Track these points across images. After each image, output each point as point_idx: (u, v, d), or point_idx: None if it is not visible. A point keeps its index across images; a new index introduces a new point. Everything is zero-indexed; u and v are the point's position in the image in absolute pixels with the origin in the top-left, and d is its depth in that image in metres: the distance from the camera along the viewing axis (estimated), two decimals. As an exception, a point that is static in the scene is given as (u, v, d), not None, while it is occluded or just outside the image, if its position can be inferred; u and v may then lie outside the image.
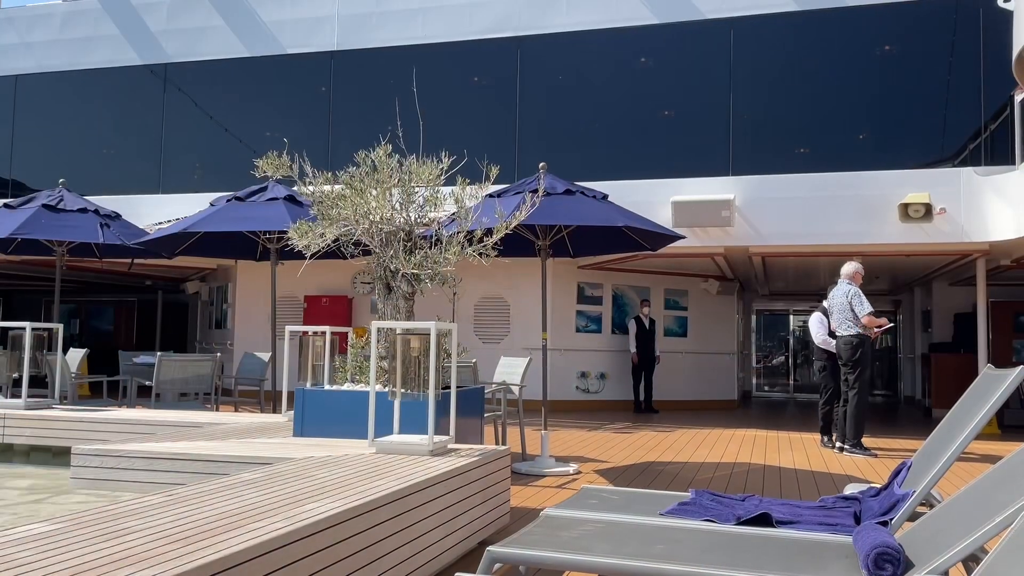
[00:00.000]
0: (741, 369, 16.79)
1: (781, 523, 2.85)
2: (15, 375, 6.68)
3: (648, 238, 7.68)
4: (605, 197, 7.44)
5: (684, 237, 8.06)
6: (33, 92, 14.21)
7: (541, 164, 7.39)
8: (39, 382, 7.73)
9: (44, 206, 9.34)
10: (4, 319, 19.68)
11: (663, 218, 10.65)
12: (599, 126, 11.79)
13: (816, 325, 8.93)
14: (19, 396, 6.46)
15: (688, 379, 14.10)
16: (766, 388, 24.08)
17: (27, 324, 6.51)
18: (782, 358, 26.72)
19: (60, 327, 6.97)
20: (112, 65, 13.78)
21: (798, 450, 8.57)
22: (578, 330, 13.25)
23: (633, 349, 13.12)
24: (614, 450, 8.20)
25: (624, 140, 11.68)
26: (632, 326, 13.23)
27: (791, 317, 26.13)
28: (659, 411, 13.04)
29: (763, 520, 2.86)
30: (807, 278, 16.14)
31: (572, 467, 6.75)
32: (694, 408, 13.83)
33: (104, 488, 4.22)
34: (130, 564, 2.08)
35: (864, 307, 8.17)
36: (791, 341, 26.51)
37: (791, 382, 25.64)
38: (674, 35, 11.56)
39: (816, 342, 8.95)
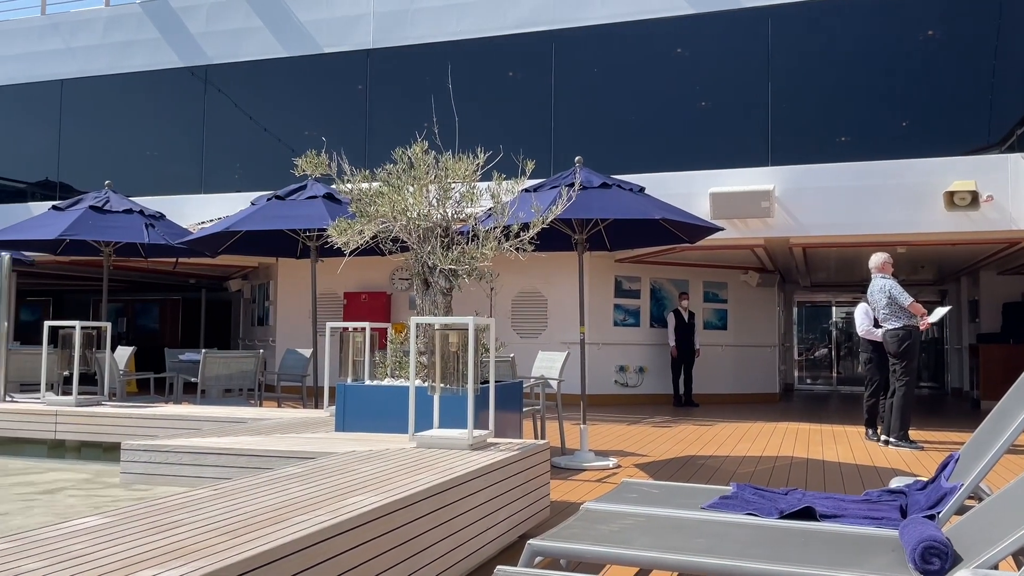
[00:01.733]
0: (782, 362, 16.58)
1: (825, 517, 2.82)
2: (66, 373, 6.86)
3: (686, 230, 7.62)
4: (642, 190, 7.39)
5: (723, 229, 7.98)
6: (78, 96, 14.54)
7: (577, 158, 7.37)
8: (89, 380, 7.94)
9: (91, 207, 9.57)
10: (54, 319, 20.18)
11: (701, 210, 10.55)
12: (635, 118, 11.72)
13: (861, 316, 8.79)
14: (70, 393, 6.63)
15: (728, 372, 13.96)
16: (808, 381, 23.75)
17: (77, 323, 6.68)
18: (825, 350, 26.31)
19: (108, 326, 7.13)
20: (154, 68, 14.04)
21: (842, 443, 8.45)
22: (616, 324, 13.19)
23: (672, 342, 13.03)
24: (654, 444, 8.17)
25: (660, 132, 11.59)
26: (671, 319, 13.14)
27: (833, 309, 25.71)
28: (699, 405, 12.94)
29: (806, 514, 2.83)
30: (850, 269, 15.87)
31: (612, 461, 6.74)
32: (735, 402, 13.70)
33: (153, 482, 4.32)
34: (179, 556, 2.13)
35: (905, 297, 8.03)
36: (834, 333, 26.09)
37: (834, 374, 25.25)
38: (710, 24, 11.43)
39: (860, 333, 8.81)
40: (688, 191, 10.74)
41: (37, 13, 14.96)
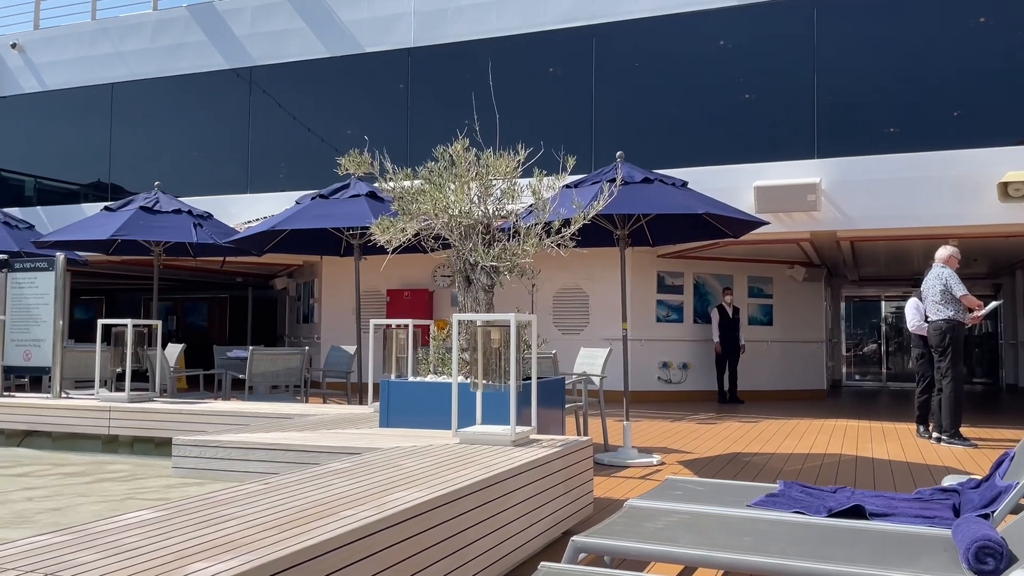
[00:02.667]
0: (830, 358, 16.30)
1: (875, 515, 2.77)
2: (119, 370, 7.04)
3: (730, 225, 7.53)
4: (684, 184, 7.33)
5: (768, 223, 7.87)
6: (128, 99, 14.88)
7: (618, 153, 7.32)
8: (140, 376, 8.13)
9: (142, 208, 9.79)
10: (107, 317, 20.70)
11: (745, 204, 10.41)
12: (677, 112, 11.61)
13: (912, 311, 8.61)
14: (123, 390, 6.80)
15: (774, 368, 13.77)
16: (857, 377, 23.31)
17: (129, 321, 6.84)
18: (874, 346, 25.79)
19: (159, 323, 7.30)
20: (200, 70, 14.31)
21: (892, 441, 8.28)
22: (659, 320, 13.10)
23: (716, 338, 12.90)
24: (698, 441, 8.09)
25: (703, 126, 11.46)
26: (715, 315, 13.00)
27: (883, 303, 25.18)
28: (744, 401, 12.79)
29: (856, 512, 2.78)
30: (899, 263, 15.53)
31: (655, 458, 6.70)
32: (781, 398, 13.51)
33: (203, 477, 4.41)
34: (229, 549, 2.17)
35: (960, 288, 7.85)
36: (883, 328, 25.55)
37: (884, 370, 24.75)
38: (754, 15, 11.26)
39: (910, 328, 8.63)
40: (732, 185, 10.61)
41: (88, 18, 15.34)
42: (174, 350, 9.48)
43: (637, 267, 12.69)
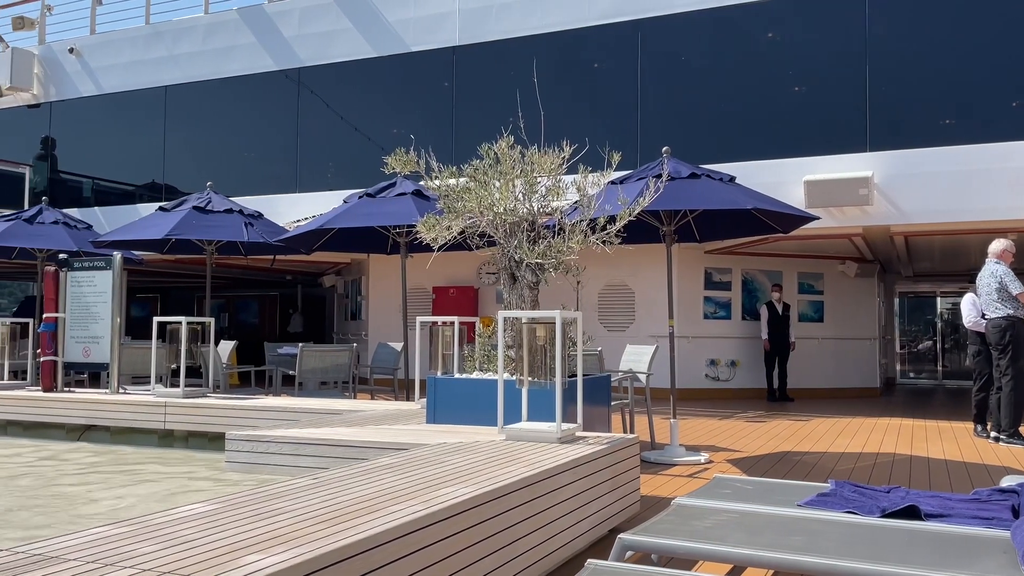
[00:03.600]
0: (884, 355, 15.95)
1: (930, 516, 2.71)
2: (173, 366, 7.22)
3: (779, 220, 7.42)
4: (732, 179, 7.23)
5: (818, 218, 7.73)
6: (181, 101, 15.22)
7: (664, 148, 7.26)
8: (194, 372, 8.32)
9: (195, 208, 10.01)
10: (161, 315, 21.22)
11: (795, 198, 10.23)
12: (724, 106, 11.46)
13: (968, 306, 8.39)
14: (178, 386, 6.97)
15: (825, 366, 13.53)
16: (912, 375, 22.77)
17: (183, 319, 7.01)
18: (929, 343, 25.15)
19: (212, 321, 7.46)
20: (250, 72, 14.56)
21: (948, 440, 8.08)
22: (706, 316, 12.96)
23: (765, 335, 12.72)
24: (747, 439, 7.99)
25: (751, 119, 11.30)
26: (763, 312, 12.82)
27: (938, 299, 24.54)
28: (794, 399, 12.58)
29: (910, 513, 2.72)
30: (955, 258, 15.12)
31: (703, 456, 6.63)
32: (832, 396, 13.26)
33: (255, 471, 4.50)
34: (280, 543, 2.22)
35: (1017, 285, 7.63)
36: (939, 325, 24.90)
37: (939, 368, 24.12)
38: (804, 6, 11.06)
39: (967, 324, 8.40)
40: (781, 180, 10.44)
41: (142, 23, 15.73)
42: (226, 347, 9.68)
43: (684, 263, 12.57)
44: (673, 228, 7.11)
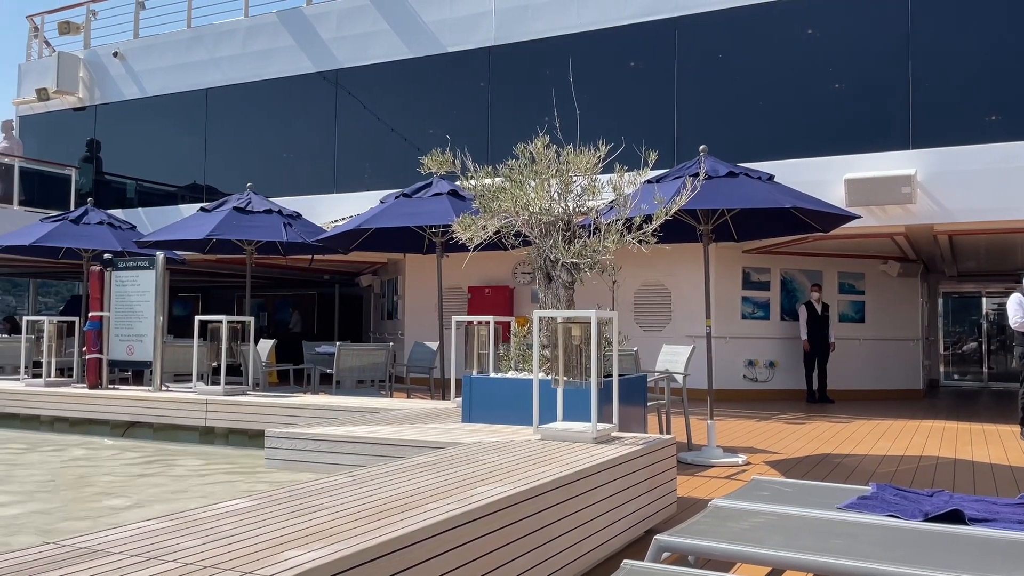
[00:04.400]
0: (927, 356, 15.64)
1: (974, 521, 2.65)
2: (214, 364, 7.33)
3: (819, 219, 7.31)
4: (771, 178, 7.15)
5: (859, 217, 7.60)
6: (221, 104, 15.47)
7: (701, 147, 7.20)
8: (234, 370, 8.44)
9: (235, 209, 10.16)
10: (202, 313, 21.55)
11: (835, 197, 10.08)
12: (762, 104, 11.32)
13: (1014, 307, 8.19)
14: (218, 383, 7.08)
15: (866, 367, 13.30)
16: (956, 377, 22.29)
17: (223, 317, 7.12)
18: (974, 344, 24.59)
19: (251, 320, 7.57)
20: (289, 74, 14.75)
21: (994, 443, 7.89)
22: (744, 317, 12.82)
23: (804, 336, 12.54)
24: (785, 441, 7.90)
25: (790, 117, 11.15)
26: (803, 312, 12.64)
27: (984, 300, 23.99)
28: (834, 401, 12.39)
29: (954, 517, 2.67)
30: (1002, 257, 14.77)
31: (740, 458, 6.57)
32: (873, 398, 13.04)
33: (293, 468, 4.55)
34: (319, 539, 2.24)
35: None
36: (984, 325, 24.34)
37: (985, 370, 23.58)
38: (843, 1, 10.88)
39: (1013, 326, 8.21)
40: (821, 178, 10.29)
41: (183, 27, 16.01)
42: (266, 345, 9.81)
43: (721, 263, 12.45)
44: (710, 227, 7.05)
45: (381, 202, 9.25)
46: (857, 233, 10.53)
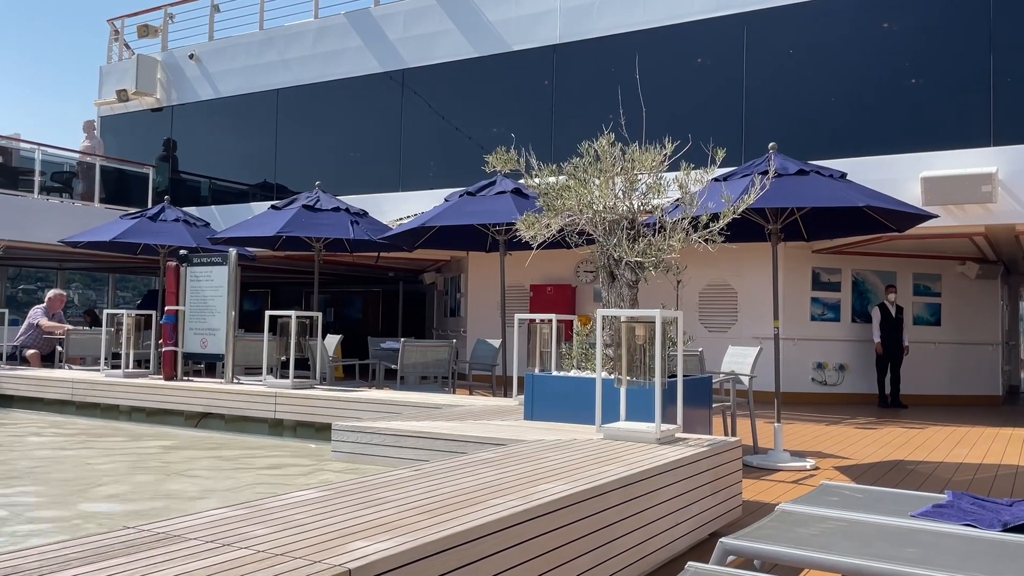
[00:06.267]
0: (1007, 362, 15.01)
1: (1059, 534, 2.54)
2: (283, 358, 7.51)
3: (893, 218, 7.09)
4: (843, 176, 6.97)
5: (936, 216, 7.35)
6: (291, 104, 15.81)
7: (771, 144, 7.06)
8: (301, 364, 8.63)
9: (304, 207, 10.38)
10: (272, 309, 22.07)
11: (911, 196, 9.75)
12: (835, 100, 11.03)
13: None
14: (287, 377, 7.25)
15: (942, 372, 12.84)
16: (1038, 383, 21.33)
17: (292, 313, 7.29)
18: (1058, 350, 23.51)
19: (319, 315, 7.73)
20: (357, 75, 14.99)
21: (1079, 454, 7.54)
22: (813, 318, 12.52)
23: (877, 339, 12.18)
24: (856, 446, 7.69)
25: (864, 113, 10.84)
26: (876, 314, 12.28)
27: (1069, 303, 22.90)
28: (907, 406, 12.01)
29: (1036, 529, 2.56)
30: (1090, 258, 14.07)
31: (809, 462, 6.42)
32: (949, 404, 12.59)
33: (359, 461, 4.64)
34: (385, 531, 2.28)
35: None
36: (1069, 330, 23.23)
37: (1069, 377, 22.50)
38: (921, -6, 10.52)
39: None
40: (896, 176, 9.98)
41: (255, 29, 16.42)
42: (332, 340, 10.00)
43: (790, 263, 12.18)
44: (779, 226, 6.90)
45: (445, 200, 9.33)
46: (934, 233, 10.18)
